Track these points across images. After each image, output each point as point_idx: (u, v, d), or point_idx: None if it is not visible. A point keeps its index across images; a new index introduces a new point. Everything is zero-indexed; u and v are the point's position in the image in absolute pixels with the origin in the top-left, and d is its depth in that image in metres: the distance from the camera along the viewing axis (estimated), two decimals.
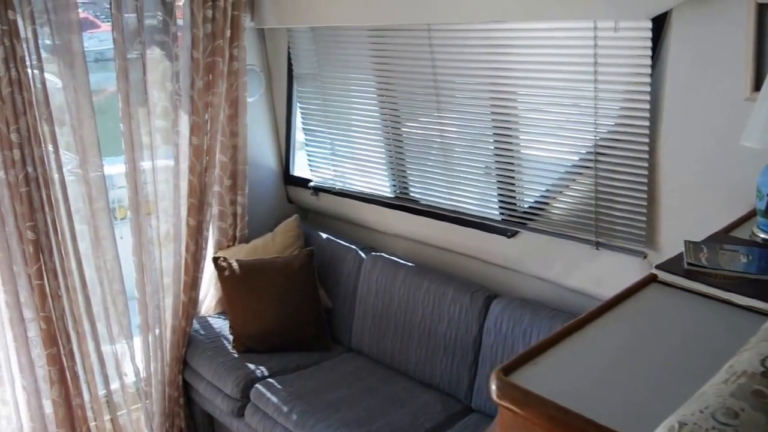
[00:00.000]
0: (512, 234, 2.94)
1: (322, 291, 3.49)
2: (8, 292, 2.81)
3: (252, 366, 3.23)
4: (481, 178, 3.03)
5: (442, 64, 2.91)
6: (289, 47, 3.57)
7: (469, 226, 3.08)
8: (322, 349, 3.41)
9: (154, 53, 3.08)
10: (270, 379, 3.13)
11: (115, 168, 3.62)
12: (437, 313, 3.05)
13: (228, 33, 3.20)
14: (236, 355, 3.32)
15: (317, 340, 3.42)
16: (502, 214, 2.97)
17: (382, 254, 3.37)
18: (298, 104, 3.71)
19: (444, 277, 3.12)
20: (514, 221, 2.92)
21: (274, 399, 3.00)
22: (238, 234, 3.69)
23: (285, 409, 2.93)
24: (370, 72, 3.24)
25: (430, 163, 3.21)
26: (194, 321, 3.53)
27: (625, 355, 1.27)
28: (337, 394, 3.01)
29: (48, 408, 2.99)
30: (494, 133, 2.87)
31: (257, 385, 3.09)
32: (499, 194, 2.96)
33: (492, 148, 2.91)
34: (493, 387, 1.13)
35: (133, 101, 3.01)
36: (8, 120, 2.64)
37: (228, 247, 3.68)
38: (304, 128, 3.74)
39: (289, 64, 3.62)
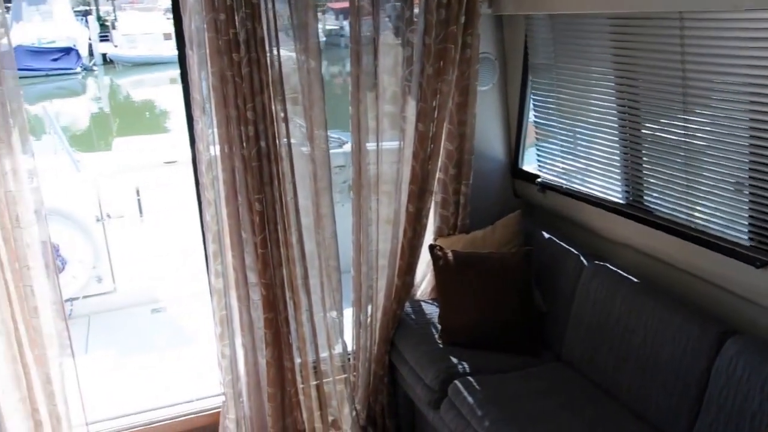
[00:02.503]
0: (762, 264, 2.48)
1: (537, 293, 3.30)
2: (236, 256, 3.06)
3: (455, 360, 3.17)
4: (730, 194, 2.59)
5: (694, 58, 2.52)
6: (526, 35, 3.38)
7: (709, 248, 2.67)
8: (529, 354, 3.23)
9: (387, 38, 3.09)
10: (470, 377, 3.04)
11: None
12: (660, 339, 2.70)
13: (462, 19, 3.11)
14: (441, 346, 3.28)
15: (526, 344, 3.25)
16: (751, 239, 2.52)
17: (606, 264, 3.07)
18: (532, 96, 3.51)
19: (673, 300, 2.74)
20: (767, 249, 2.46)
21: (470, 399, 2.90)
22: (459, 223, 3.62)
23: (479, 412, 2.82)
24: (610, 64, 2.93)
25: (669, 171, 2.83)
26: (407, 304, 3.56)
27: None
28: (538, 405, 2.83)
29: (262, 366, 3.22)
30: (751, 143, 2.43)
31: (456, 381, 3.02)
32: (751, 215, 2.51)
33: (747, 160, 2.46)
34: None
35: (363, 85, 3.07)
36: (246, 98, 2.83)
37: (448, 235, 3.64)
38: (535, 121, 3.54)
39: (526, 53, 3.43)
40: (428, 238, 3.61)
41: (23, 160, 2.73)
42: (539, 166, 3.60)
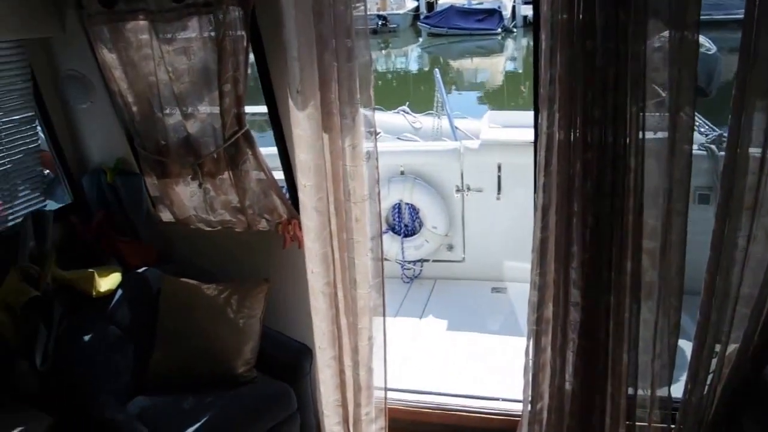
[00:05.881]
0: None
1: None
2: (557, 270, 2.72)
3: None
4: None
5: None
6: None
7: None
8: None
9: None
10: None
11: None
12: None
13: None
14: None
15: None
16: None
17: None
18: None
19: None
20: None
21: None
22: None
23: None
24: None
25: None
26: None
27: None
28: None
29: (568, 394, 2.88)
30: None
31: None
32: None
33: None
34: None
35: (753, 87, 2.37)
36: (595, 95, 2.43)
37: None
38: None
39: None
40: None
41: (364, 137, 2.78)
42: None
